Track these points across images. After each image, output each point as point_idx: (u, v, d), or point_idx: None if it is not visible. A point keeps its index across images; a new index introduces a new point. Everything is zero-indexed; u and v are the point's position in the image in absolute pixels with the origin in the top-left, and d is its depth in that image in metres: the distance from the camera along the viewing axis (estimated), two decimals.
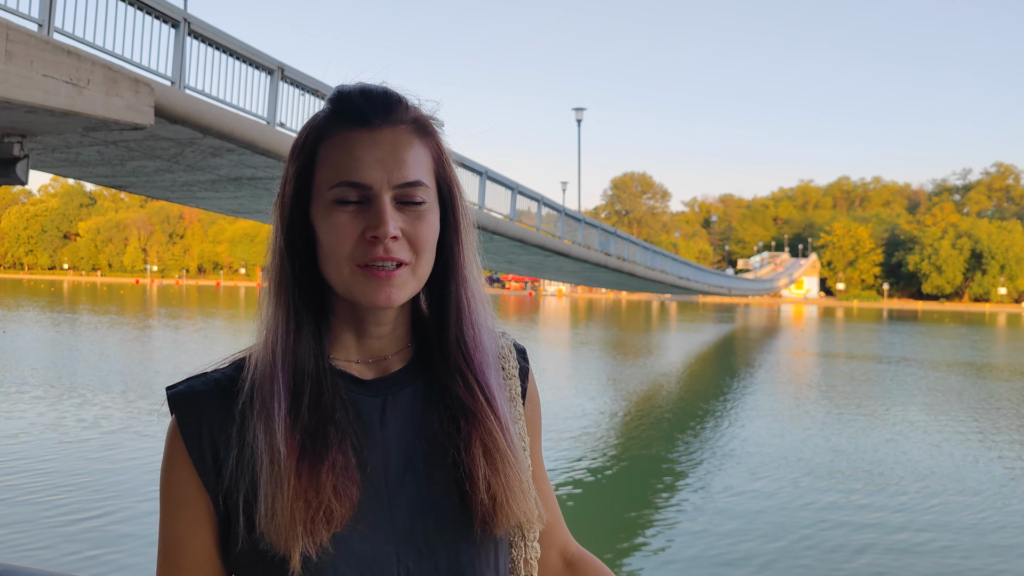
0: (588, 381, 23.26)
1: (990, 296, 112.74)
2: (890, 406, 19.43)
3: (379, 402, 1.05)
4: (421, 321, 1.10)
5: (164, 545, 1.02)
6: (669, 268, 39.45)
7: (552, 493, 1.23)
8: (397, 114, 1.01)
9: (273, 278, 1.03)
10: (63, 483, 10.29)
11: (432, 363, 1.08)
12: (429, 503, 1.02)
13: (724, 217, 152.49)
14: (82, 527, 8.59)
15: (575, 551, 1.27)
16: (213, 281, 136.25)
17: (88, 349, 27.09)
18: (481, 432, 1.04)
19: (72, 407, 15.68)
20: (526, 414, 1.17)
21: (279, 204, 1.03)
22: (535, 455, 1.18)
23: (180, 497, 1.01)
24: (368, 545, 0.98)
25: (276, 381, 0.99)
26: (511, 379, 1.15)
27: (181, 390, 1.03)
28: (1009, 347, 43.29)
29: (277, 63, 12.44)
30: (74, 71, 7.96)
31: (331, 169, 0.99)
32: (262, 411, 0.98)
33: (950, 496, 11.10)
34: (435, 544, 1.01)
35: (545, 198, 24.17)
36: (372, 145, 0.99)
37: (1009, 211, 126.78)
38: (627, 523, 9.84)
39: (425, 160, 1.03)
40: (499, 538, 1.06)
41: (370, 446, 1.02)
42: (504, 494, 1.02)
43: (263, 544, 0.96)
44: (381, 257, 0.97)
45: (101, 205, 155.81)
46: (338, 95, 1.03)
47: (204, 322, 43.14)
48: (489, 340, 1.10)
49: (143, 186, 14.69)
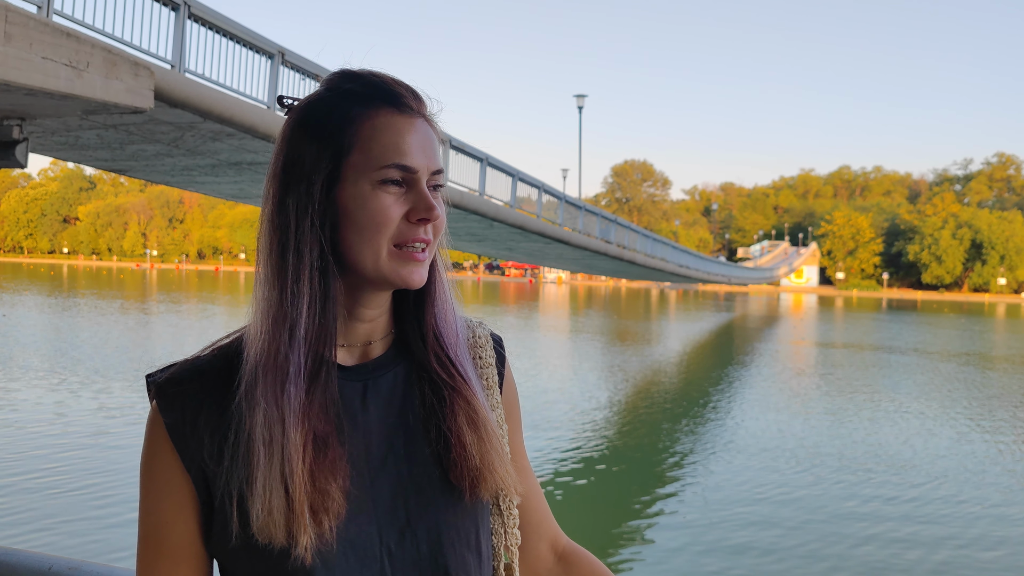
0: (587, 369, 23.29)
1: (990, 286, 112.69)
2: (890, 396, 19.47)
3: (360, 387, 1.05)
4: (401, 305, 1.11)
5: (145, 531, 1.02)
6: (669, 256, 39.42)
7: (537, 485, 1.24)
8: (425, 105, 1.05)
9: (292, 262, 0.98)
10: (61, 467, 10.32)
11: (410, 347, 1.09)
12: (411, 484, 1.03)
13: (724, 205, 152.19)
14: (82, 511, 8.62)
15: (566, 544, 1.26)
16: (212, 266, 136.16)
17: (91, 333, 27.12)
18: (463, 402, 1.06)
19: (77, 391, 15.71)
20: (504, 402, 1.17)
21: (300, 182, 0.99)
22: (515, 444, 1.18)
23: (162, 483, 1.00)
24: (351, 526, 0.98)
25: (291, 366, 0.96)
26: (488, 368, 1.16)
27: (162, 377, 1.02)
28: (1009, 337, 43.33)
29: (278, 47, 12.39)
30: (73, 54, 7.91)
31: (379, 149, 0.99)
32: (270, 397, 0.95)
33: (955, 486, 11.14)
34: (417, 525, 1.02)
35: (546, 185, 24.12)
36: (414, 131, 1.01)
37: (1010, 201, 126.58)
38: (622, 512, 9.87)
39: (440, 151, 1.06)
40: (479, 519, 1.08)
41: (352, 430, 1.02)
42: (489, 458, 1.04)
43: (263, 536, 0.94)
44: (423, 239, 1.00)
45: (101, 189, 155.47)
46: (372, 78, 1.02)
47: (220, 307, 43.16)
48: (455, 321, 1.12)
49: (143, 170, 14.65)
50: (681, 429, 14.98)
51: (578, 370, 22.67)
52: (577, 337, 34.73)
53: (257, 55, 12.14)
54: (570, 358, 25.81)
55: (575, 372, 22.11)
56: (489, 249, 30.90)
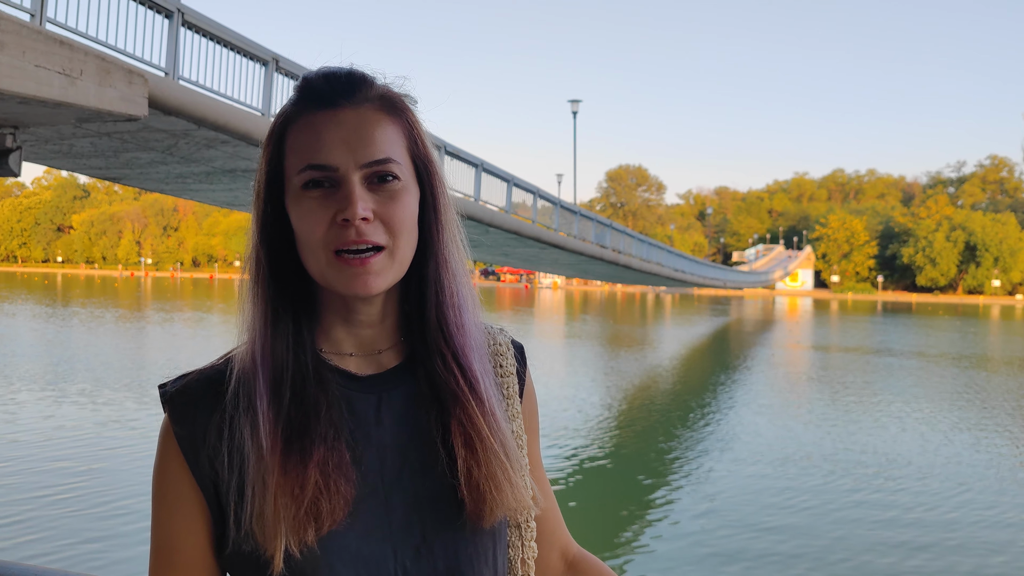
0: (583, 375, 23.27)
1: (984, 288, 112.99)
2: (889, 399, 19.47)
3: (374, 399, 1.02)
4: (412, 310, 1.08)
5: (157, 545, 1.00)
6: (665, 260, 39.46)
7: (552, 494, 1.21)
8: (361, 93, 0.98)
9: (250, 272, 1.01)
10: (57, 478, 10.26)
11: (418, 356, 1.06)
12: (426, 500, 1.00)
13: (719, 210, 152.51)
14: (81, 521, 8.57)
15: (576, 553, 1.25)
16: (207, 274, 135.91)
17: (85, 342, 27.01)
18: (462, 419, 1.01)
19: (80, 402, 15.63)
20: (524, 412, 1.15)
21: (254, 196, 1.01)
22: (533, 455, 1.16)
23: (174, 496, 0.99)
24: (364, 544, 0.96)
25: (257, 377, 0.97)
26: (508, 376, 1.13)
27: (174, 387, 1.00)
28: (1004, 340, 43.42)
29: (272, 54, 12.38)
30: (67, 62, 7.89)
31: (297, 154, 0.97)
32: (248, 408, 0.96)
33: (951, 489, 11.14)
34: (433, 542, 0.99)
35: (541, 190, 24.13)
36: (335, 126, 0.96)
37: (1003, 204, 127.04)
38: (619, 517, 9.84)
39: (396, 138, 0.99)
40: (496, 535, 1.04)
41: (365, 443, 1.00)
42: (488, 484, 0.99)
43: (249, 544, 0.94)
44: (355, 241, 0.94)
45: (95, 198, 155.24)
46: (303, 80, 1.01)
47: (220, 316, 43.04)
48: (472, 324, 1.07)
49: (137, 178, 14.60)
50: (678, 434, 14.96)
51: (574, 375, 22.65)
52: (573, 342, 34.70)
53: (251, 62, 12.13)
54: (566, 363, 25.78)
55: (571, 377, 22.08)
56: (484, 255, 30.89)
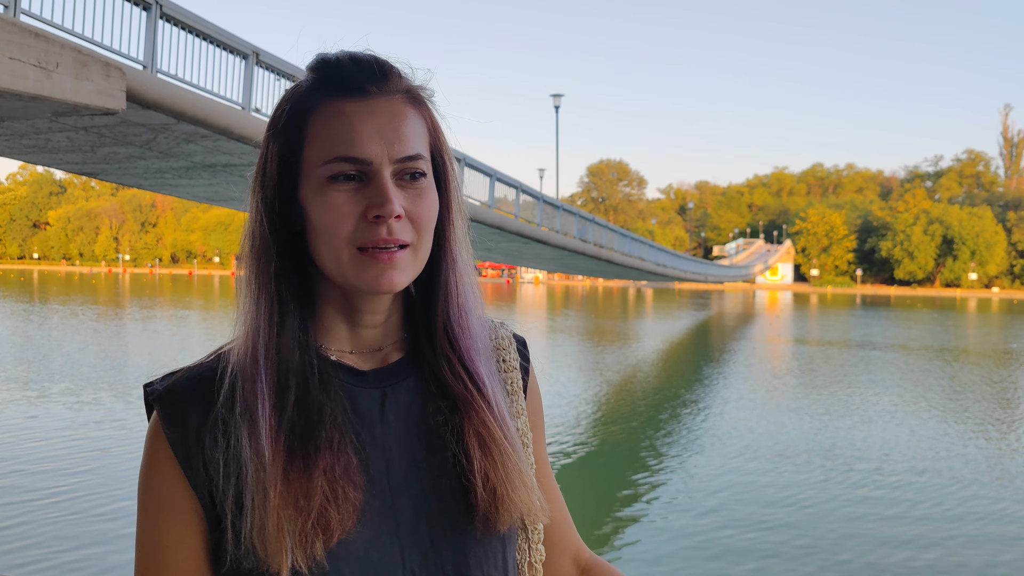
0: (565, 368, 23.28)
1: (961, 282, 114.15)
2: (868, 391, 19.61)
3: (378, 394, 0.97)
4: (413, 308, 1.03)
5: (145, 558, 0.92)
6: (646, 255, 39.56)
7: (560, 496, 1.16)
8: (391, 82, 0.93)
9: (252, 266, 0.94)
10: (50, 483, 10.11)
11: (423, 354, 1.01)
12: (434, 502, 0.96)
13: (700, 204, 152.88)
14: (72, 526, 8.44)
15: (588, 557, 1.20)
16: (186, 270, 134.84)
17: (68, 340, 26.70)
18: (475, 422, 0.97)
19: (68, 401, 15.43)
20: (528, 408, 1.10)
21: (259, 186, 0.94)
22: (539, 452, 1.11)
23: (165, 504, 0.91)
24: (372, 548, 0.91)
25: (259, 379, 0.90)
26: (511, 372, 1.09)
27: (162, 386, 0.93)
28: (980, 332, 43.91)
29: (252, 47, 12.24)
30: (42, 54, 7.74)
31: (324, 143, 0.90)
32: (244, 412, 0.89)
33: (936, 482, 11.22)
34: (441, 545, 0.95)
35: (523, 185, 24.09)
36: (369, 116, 0.90)
37: (979, 197, 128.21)
38: (602, 513, 9.81)
39: (422, 132, 0.94)
40: (506, 538, 1.00)
41: (371, 443, 0.94)
42: (504, 487, 0.95)
43: (250, 560, 0.87)
44: (384, 239, 0.89)
45: (71, 193, 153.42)
46: (323, 62, 0.93)
47: (202, 312, 42.69)
48: (477, 326, 1.03)
49: (115, 173, 14.41)
50: (659, 428, 14.98)
51: (557, 369, 22.65)
52: (555, 337, 34.72)
53: (231, 55, 11.98)
54: (548, 358, 25.78)
55: (554, 371, 22.08)
56: None
